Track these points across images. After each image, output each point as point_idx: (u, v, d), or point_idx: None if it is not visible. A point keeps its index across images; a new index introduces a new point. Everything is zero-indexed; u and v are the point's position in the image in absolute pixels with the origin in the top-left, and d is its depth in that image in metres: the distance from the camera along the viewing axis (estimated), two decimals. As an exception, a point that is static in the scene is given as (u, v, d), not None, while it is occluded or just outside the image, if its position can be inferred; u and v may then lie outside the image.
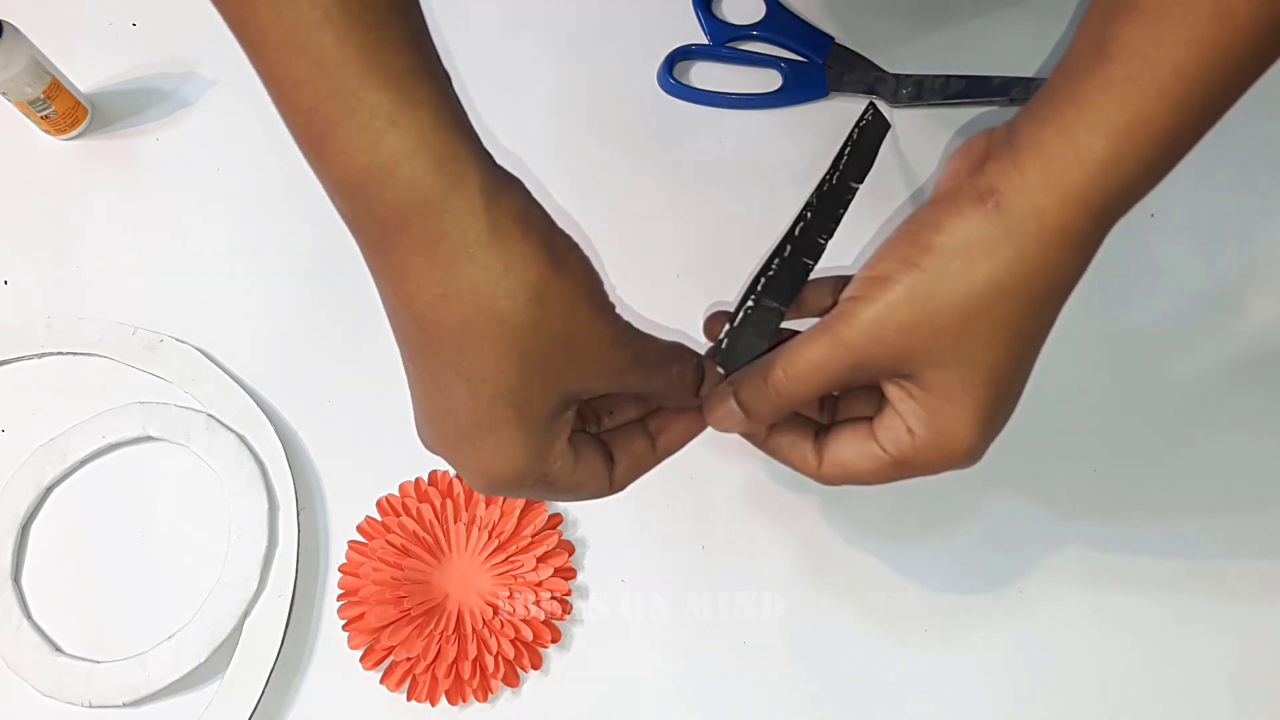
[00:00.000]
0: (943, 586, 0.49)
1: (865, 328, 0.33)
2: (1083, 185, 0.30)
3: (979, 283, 0.31)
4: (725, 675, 0.48)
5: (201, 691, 0.49)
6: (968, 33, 0.58)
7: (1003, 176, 0.31)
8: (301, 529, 0.50)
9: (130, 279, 0.56)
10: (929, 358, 0.32)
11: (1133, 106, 0.30)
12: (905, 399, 0.34)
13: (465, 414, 0.32)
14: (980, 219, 0.31)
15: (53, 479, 0.52)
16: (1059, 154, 0.31)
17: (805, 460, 0.38)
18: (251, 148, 0.58)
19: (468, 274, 0.29)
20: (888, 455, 0.35)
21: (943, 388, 0.33)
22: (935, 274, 0.32)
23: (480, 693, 0.47)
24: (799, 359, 0.34)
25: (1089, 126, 0.30)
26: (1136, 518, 0.50)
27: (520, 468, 0.33)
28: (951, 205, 0.32)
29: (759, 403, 0.36)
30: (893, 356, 0.33)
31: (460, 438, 0.32)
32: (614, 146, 0.56)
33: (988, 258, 0.31)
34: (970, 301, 0.31)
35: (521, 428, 0.32)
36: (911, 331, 0.32)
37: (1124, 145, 0.30)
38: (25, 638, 0.49)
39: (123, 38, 0.61)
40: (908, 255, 0.32)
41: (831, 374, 0.34)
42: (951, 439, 0.34)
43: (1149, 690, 0.48)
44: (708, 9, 0.59)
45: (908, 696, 0.48)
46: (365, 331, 0.54)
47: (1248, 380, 0.52)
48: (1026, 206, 0.31)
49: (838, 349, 0.33)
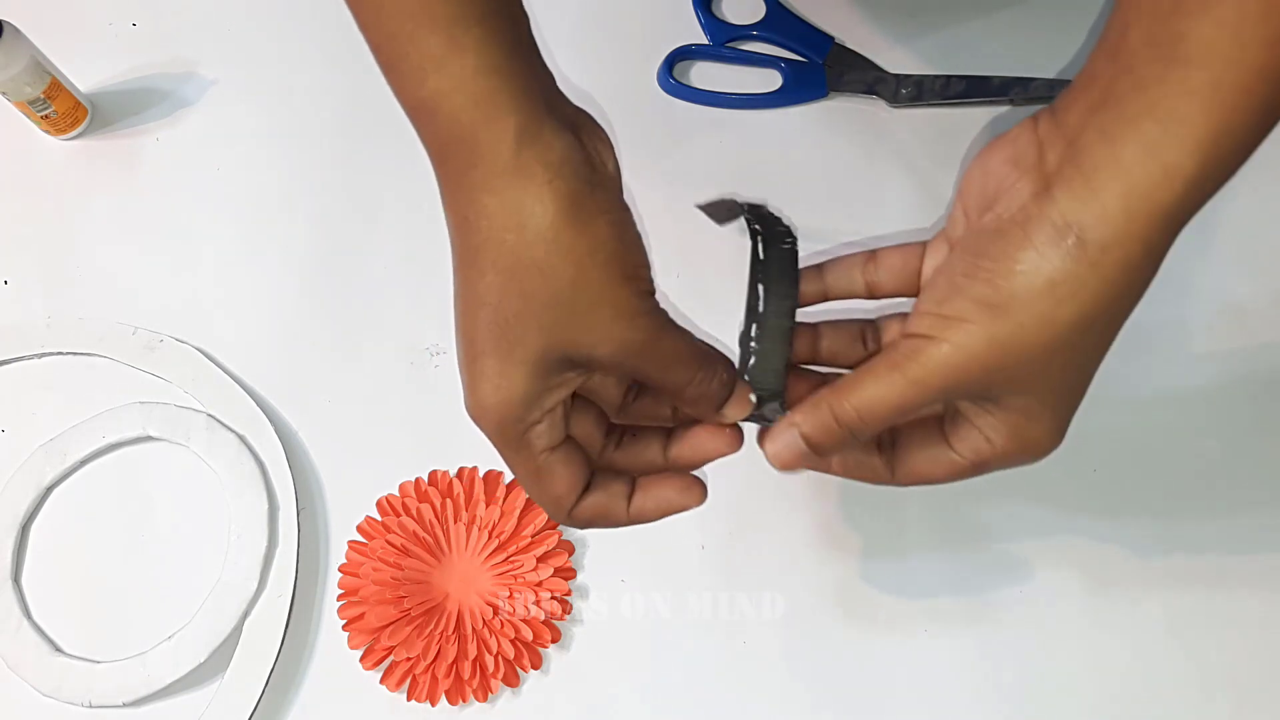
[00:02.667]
0: (942, 587, 0.49)
1: (944, 371, 0.32)
2: (1170, 205, 0.29)
3: (1065, 322, 0.30)
4: (725, 675, 0.48)
5: (201, 691, 0.49)
6: (968, 33, 0.58)
7: (1080, 207, 0.30)
8: (301, 529, 0.50)
9: (130, 279, 0.56)
10: (1010, 387, 0.32)
11: (1219, 117, 0.28)
12: (982, 415, 0.33)
13: (469, 333, 0.33)
14: (1062, 257, 0.30)
15: (53, 479, 0.52)
16: (1143, 176, 0.29)
17: (877, 474, 0.37)
18: (251, 148, 0.58)
19: (486, 203, 0.31)
20: (966, 461, 0.35)
21: (1023, 407, 0.32)
22: (1018, 318, 0.30)
23: (480, 693, 0.47)
24: (872, 398, 0.33)
25: (1176, 141, 0.28)
26: (1136, 517, 0.50)
27: (499, 402, 0.33)
28: (1024, 240, 0.30)
29: (826, 439, 0.34)
30: (972, 392, 0.32)
31: (464, 355, 0.34)
32: (614, 146, 0.56)
33: (1074, 297, 0.30)
34: (1057, 340, 0.31)
35: (509, 361, 0.32)
36: (994, 372, 0.31)
37: (1211, 158, 0.28)
38: (25, 638, 0.49)
39: (123, 38, 0.61)
40: (984, 296, 0.31)
41: (906, 412, 0.33)
42: (1031, 445, 0.33)
43: (1149, 690, 0.48)
44: (708, 9, 0.59)
45: (907, 697, 0.48)
46: (365, 332, 0.54)
47: (1248, 380, 0.52)
48: (1109, 237, 0.29)
49: (914, 389, 0.32)
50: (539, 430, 0.34)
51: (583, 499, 0.36)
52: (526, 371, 0.32)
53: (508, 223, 0.31)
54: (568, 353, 0.32)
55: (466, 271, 0.33)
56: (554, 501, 0.36)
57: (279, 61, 0.60)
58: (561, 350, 0.32)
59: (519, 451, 0.34)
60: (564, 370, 0.33)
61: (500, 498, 0.50)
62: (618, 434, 0.38)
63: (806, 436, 0.34)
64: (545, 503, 0.36)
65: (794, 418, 0.35)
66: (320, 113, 0.58)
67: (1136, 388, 0.51)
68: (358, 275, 0.55)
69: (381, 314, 0.55)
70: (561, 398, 0.34)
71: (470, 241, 0.32)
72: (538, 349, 0.32)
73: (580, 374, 0.34)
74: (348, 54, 0.31)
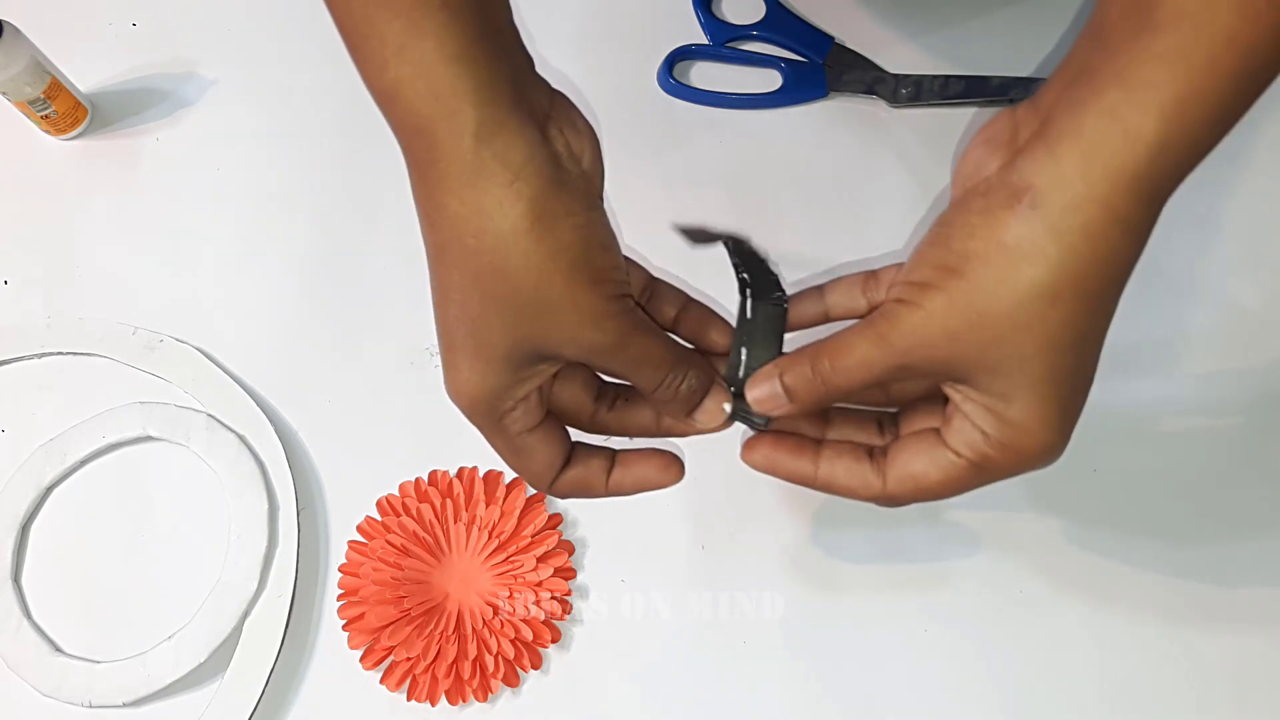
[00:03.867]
0: (942, 587, 0.49)
1: (910, 332, 0.32)
2: (1132, 169, 0.28)
3: (1024, 287, 0.30)
4: (725, 675, 0.48)
5: (201, 691, 0.49)
6: (968, 33, 0.58)
7: (1037, 170, 0.30)
8: (301, 529, 0.50)
9: (130, 279, 0.56)
10: (981, 364, 0.31)
11: (1184, 80, 0.28)
12: (968, 401, 0.33)
13: (443, 323, 0.33)
14: (1016, 220, 0.30)
15: (53, 479, 0.52)
16: (1103, 139, 0.29)
17: (867, 484, 0.36)
18: (251, 148, 0.58)
19: (446, 204, 0.31)
20: (963, 459, 0.34)
21: (1001, 390, 0.32)
22: (975, 281, 0.30)
23: (480, 693, 0.47)
24: (846, 354, 0.33)
25: (1138, 105, 0.28)
26: (1136, 517, 0.50)
27: (471, 392, 0.33)
28: (984, 205, 0.31)
29: (803, 389, 0.35)
30: (940, 361, 0.32)
31: (440, 343, 0.34)
32: (614, 146, 0.56)
33: (1029, 261, 0.30)
34: (1020, 308, 0.30)
35: (478, 358, 0.33)
36: (957, 339, 0.31)
37: (1176, 122, 0.28)
38: (25, 638, 0.49)
39: (123, 38, 0.61)
40: (944, 261, 0.31)
41: (877, 371, 0.33)
42: (1025, 436, 0.32)
43: (1149, 690, 0.48)
44: (708, 9, 0.59)
45: (907, 696, 0.48)
46: (365, 331, 0.54)
47: (1248, 379, 0.52)
48: (1066, 200, 0.29)
49: (884, 348, 0.33)
50: (514, 416, 0.34)
51: (563, 473, 0.37)
52: (497, 367, 0.33)
53: (467, 227, 0.31)
54: (537, 349, 0.33)
55: (435, 266, 0.33)
56: (533, 476, 0.37)
57: (279, 61, 0.60)
58: (529, 347, 0.33)
59: (496, 434, 0.35)
60: (534, 364, 0.33)
61: (500, 498, 0.50)
62: (609, 397, 0.38)
63: (786, 385, 0.35)
64: (525, 476, 0.37)
65: (779, 363, 0.35)
66: (320, 113, 0.58)
67: (1135, 387, 0.51)
68: (358, 275, 0.55)
69: (381, 314, 0.55)
70: (535, 386, 0.34)
71: (435, 239, 0.32)
72: (505, 347, 0.33)
73: (552, 364, 0.34)
74: (348, 54, 0.31)
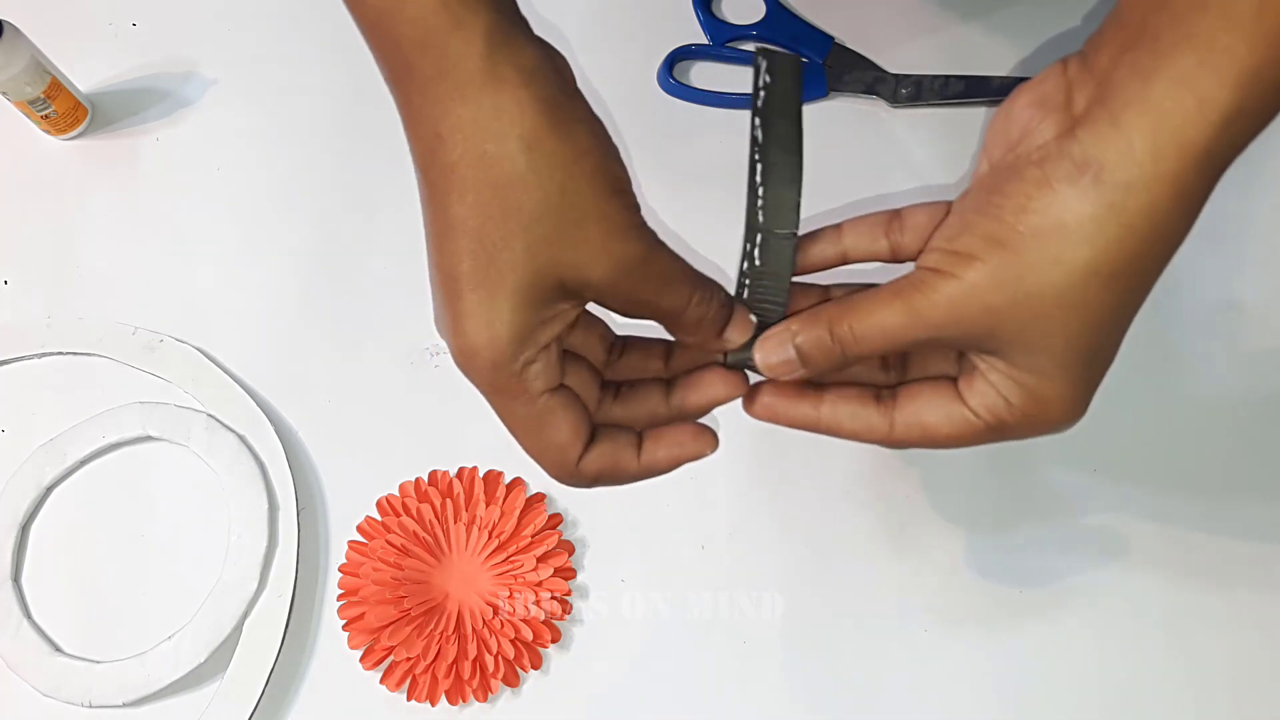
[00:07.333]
0: (942, 586, 0.49)
1: (946, 305, 0.30)
2: (1204, 143, 0.27)
3: (1079, 268, 0.28)
4: (725, 675, 0.48)
5: (201, 691, 0.49)
6: (968, 33, 0.58)
7: (1102, 145, 0.28)
8: (301, 529, 0.50)
9: (130, 279, 0.56)
10: (1019, 341, 0.30)
11: (1265, 45, 0.26)
12: (994, 370, 0.31)
13: (448, 269, 0.30)
14: (1078, 197, 0.28)
15: (53, 479, 0.52)
16: (1174, 109, 0.27)
17: (871, 428, 0.34)
18: (251, 148, 0.58)
19: (460, 114, 0.29)
20: (981, 421, 0.32)
21: (1036, 366, 0.30)
22: (1027, 258, 0.29)
23: (480, 693, 0.47)
24: (870, 321, 0.32)
25: (1214, 72, 0.26)
26: (1136, 517, 0.50)
27: (488, 339, 0.30)
28: (1040, 177, 0.29)
29: (819, 354, 0.33)
30: (975, 335, 0.31)
31: (443, 296, 0.31)
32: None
33: (1088, 241, 0.28)
34: (1072, 289, 0.29)
35: (497, 295, 0.30)
36: (998, 315, 0.30)
37: (1252, 92, 0.26)
38: (25, 638, 0.49)
39: (123, 38, 0.61)
40: (993, 233, 0.29)
41: (902, 343, 0.32)
42: (1050, 409, 0.31)
43: (1149, 689, 0.48)
44: (708, 9, 0.59)
45: (907, 696, 0.48)
46: (365, 331, 0.54)
47: (1248, 379, 0.52)
48: (1134, 178, 0.27)
49: (913, 319, 0.31)
50: (535, 370, 0.31)
51: (588, 451, 0.33)
52: (517, 302, 0.30)
53: (485, 132, 0.29)
54: (560, 276, 0.30)
55: (441, 198, 0.30)
56: (558, 451, 0.33)
57: (279, 61, 0.60)
58: (553, 274, 0.30)
59: (515, 397, 0.32)
60: (556, 300, 0.31)
61: (500, 498, 0.50)
62: (613, 390, 0.35)
63: (799, 348, 0.33)
64: (548, 455, 0.33)
65: (792, 326, 0.33)
66: (320, 113, 0.58)
67: (1135, 387, 0.51)
68: (357, 275, 0.55)
69: (381, 314, 0.55)
70: (556, 333, 0.32)
71: (444, 160, 0.30)
72: (528, 275, 0.30)
73: (574, 305, 0.32)
74: (348, 54, 0.31)
